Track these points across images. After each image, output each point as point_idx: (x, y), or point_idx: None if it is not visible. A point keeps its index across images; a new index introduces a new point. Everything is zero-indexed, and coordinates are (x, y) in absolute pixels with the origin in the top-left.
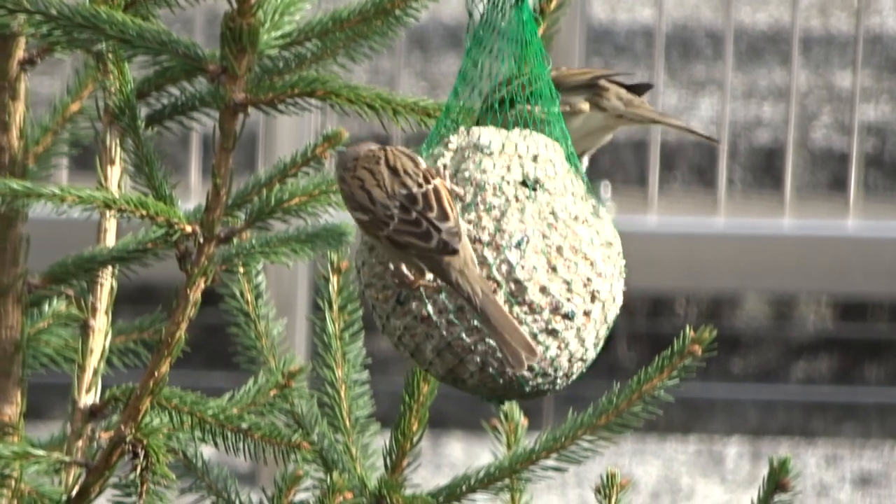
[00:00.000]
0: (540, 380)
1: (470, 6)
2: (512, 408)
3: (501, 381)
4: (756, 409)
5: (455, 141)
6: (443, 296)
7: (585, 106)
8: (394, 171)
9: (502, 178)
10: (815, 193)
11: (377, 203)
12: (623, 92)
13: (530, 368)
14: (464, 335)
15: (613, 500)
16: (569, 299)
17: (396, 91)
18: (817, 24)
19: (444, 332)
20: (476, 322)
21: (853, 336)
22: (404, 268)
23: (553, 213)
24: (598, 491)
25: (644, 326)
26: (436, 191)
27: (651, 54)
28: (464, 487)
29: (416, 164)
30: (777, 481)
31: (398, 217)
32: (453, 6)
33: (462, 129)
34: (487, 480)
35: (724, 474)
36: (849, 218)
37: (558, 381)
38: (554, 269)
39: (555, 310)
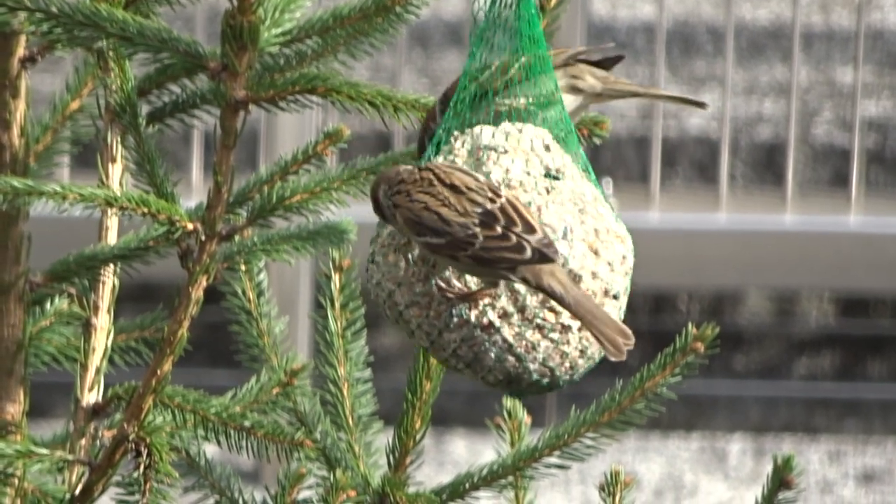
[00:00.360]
0: (590, 363)
1: (475, 9)
2: (515, 405)
3: (558, 373)
4: (759, 405)
5: (461, 145)
6: (503, 300)
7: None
8: (454, 189)
9: (527, 173)
10: (816, 189)
11: (453, 224)
12: (597, 70)
13: (582, 352)
14: (528, 334)
15: (617, 498)
16: (612, 280)
17: (398, 88)
18: (818, 19)
19: (508, 336)
20: (561, 321)
21: (856, 332)
22: (469, 281)
23: (581, 198)
24: (601, 489)
25: (646, 323)
26: (512, 205)
27: (652, 50)
28: (467, 485)
29: (476, 179)
30: (781, 478)
31: (482, 235)
32: (454, 3)
33: (456, 133)
34: (491, 478)
35: (727, 471)
36: (850, 214)
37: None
38: (597, 253)
39: (605, 293)
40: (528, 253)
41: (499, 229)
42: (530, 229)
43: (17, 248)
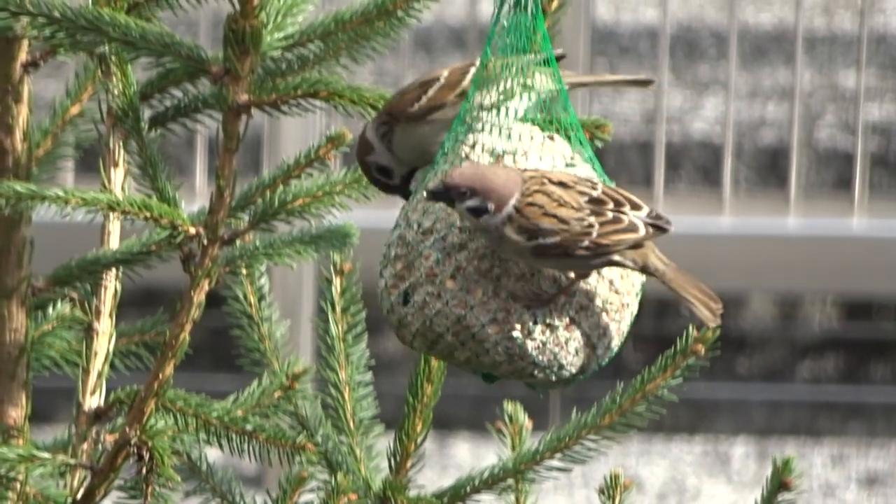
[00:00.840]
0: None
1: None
2: (516, 409)
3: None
4: (762, 409)
5: (480, 150)
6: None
7: None
8: (563, 185)
9: (553, 167)
10: (820, 193)
11: (570, 221)
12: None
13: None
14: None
15: (617, 501)
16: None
17: None
18: (821, 23)
19: (587, 329)
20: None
21: (859, 335)
22: (560, 277)
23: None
24: (601, 492)
25: (650, 328)
26: (611, 188)
27: (655, 55)
28: (468, 488)
29: (574, 174)
30: (781, 480)
31: (596, 222)
32: (458, 7)
33: (468, 139)
34: (492, 481)
35: (730, 474)
36: (854, 217)
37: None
38: None
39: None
40: (643, 230)
41: (609, 213)
42: (636, 206)
43: (20, 253)
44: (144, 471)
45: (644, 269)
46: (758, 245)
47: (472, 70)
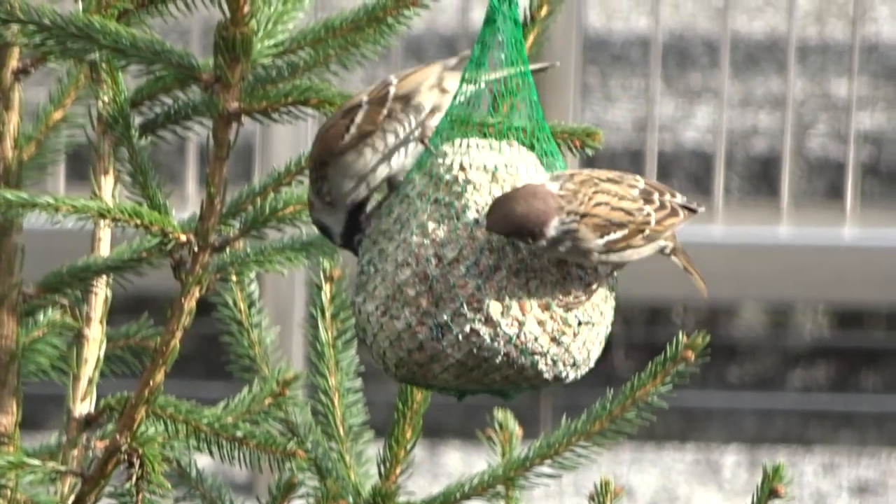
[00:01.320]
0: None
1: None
2: (507, 417)
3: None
4: (753, 417)
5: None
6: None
7: None
8: (613, 181)
9: (537, 173)
10: (811, 202)
11: (634, 213)
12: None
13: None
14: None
15: None
16: None
17: None
18: (813, 32)
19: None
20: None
21: (850, 344)
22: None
23: None
24: (592, 499)
25: (641, 335)
26: (648, 180)
27: (647, 63)
28: (458, 495)
29: (615, 172)
30: (771, 488)
31: (652, 210)
32: (449, 16)
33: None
34: (482, 488)
35: (721, 483)
36: (845, 226)
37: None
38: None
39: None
40: (681, 213)
41: (657, 202)
42: (672, 193)
43: (11, 260)
44: (135, 477)
45: (673, 251)
46: (749, 254)
47: (392, 88)
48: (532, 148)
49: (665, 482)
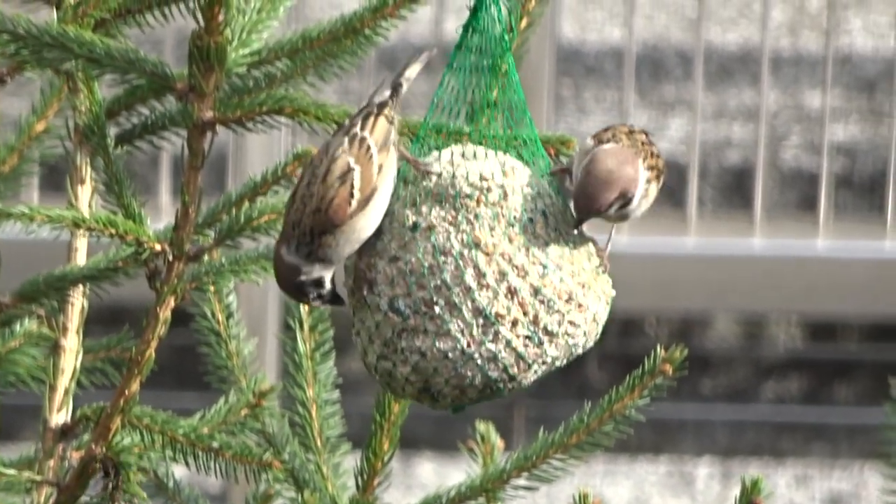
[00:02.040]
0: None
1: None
2: (488, 429)
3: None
4: (726, 429)
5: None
6: None
7: None
8: (630, 133)
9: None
10: (785, 213)
11: (659, 156)
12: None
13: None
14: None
15: None
16: None
17: None
18: (787, 44)
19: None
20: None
21: (823, 356)
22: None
23: None
24: None
25: (614, 347)
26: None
27: (621, 75)
28: None
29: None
30: (749, 500)
31: (656, 151)
32: (423, 26)
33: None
34: (459, 499)
35: (694, 494)
36: (819, 238)
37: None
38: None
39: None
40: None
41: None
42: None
43: None
44: (110, 487)
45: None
46: (722, 265)
47: (370, 142)
48: (518, 156)
49: (638, 494)
